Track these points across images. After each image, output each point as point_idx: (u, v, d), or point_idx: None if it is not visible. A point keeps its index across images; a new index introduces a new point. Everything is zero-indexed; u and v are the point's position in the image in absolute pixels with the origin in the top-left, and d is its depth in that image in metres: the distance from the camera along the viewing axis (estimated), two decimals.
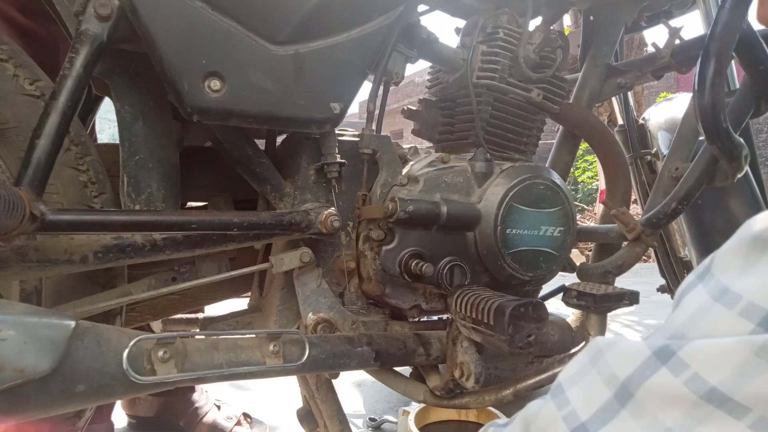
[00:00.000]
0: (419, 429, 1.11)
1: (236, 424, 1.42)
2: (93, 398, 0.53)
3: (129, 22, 0.60)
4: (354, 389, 1.83)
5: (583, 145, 1.31)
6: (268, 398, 1.72)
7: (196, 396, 1.45)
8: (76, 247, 0.62)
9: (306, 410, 0.97)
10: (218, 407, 1.47)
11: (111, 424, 1.34)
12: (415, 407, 1.18)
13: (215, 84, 0.63)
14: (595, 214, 6.43)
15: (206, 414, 1.42)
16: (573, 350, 0.77)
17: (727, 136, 0.74)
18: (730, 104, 0.82)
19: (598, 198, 6.11)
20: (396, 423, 1.42)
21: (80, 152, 0.68)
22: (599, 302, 0.70)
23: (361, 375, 1.86)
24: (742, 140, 0.77)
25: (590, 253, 1.12)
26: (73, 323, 0.50)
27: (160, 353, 0.56)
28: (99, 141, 1.33)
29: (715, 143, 0.76)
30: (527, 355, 0.82)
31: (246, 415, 1.48)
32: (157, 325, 1.05)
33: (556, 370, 0.75)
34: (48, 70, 0.67)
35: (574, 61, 1.15)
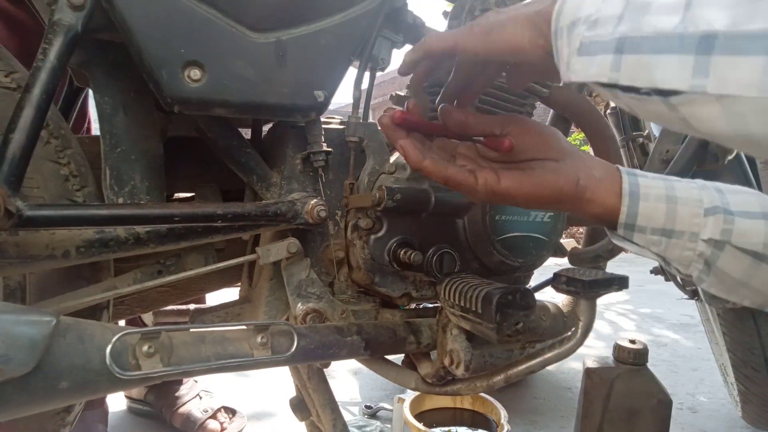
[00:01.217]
0: (414, 416, 1.11)
1: (210, 417, 1.42)
2: (77, 395, 0.53)
3: (104, 11, 0.59)
4: (350, 377, 1.84)
5: (581, 135, 1.30)
6: (264, 387, 1.73)
7: (182, 386, 1.45)
8: (58, 242, 0.61)
9: (299, 399, 0.97)
10: (200, 398, 1.47)
11: (105, 410, 1.35)
12: (410, 395, 1.18)
13: (195, 73, 0.62)
14: None
15: (184, 404, 1.43)
16: (562, 336, 0.76)
17: None
18: None
19: None
20: (392, 410, 1.43)
21: (60, 145, 0.66)
22: (588, 288, 0.69)
23: (356, 363, 1.86)
24: None
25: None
26: (53, 320, 0.49)
27: (145, 348, 0.56)
28: (95, 131, 1.32)
29: None
30: (517, 342, 0.82)
31: (226, 409, 1.48)
32: (148, 317, 1.05)
33: (546, 356, 0.75)
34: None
35: None
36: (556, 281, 0.72)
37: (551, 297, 0.95)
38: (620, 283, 0.70)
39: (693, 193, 0.54)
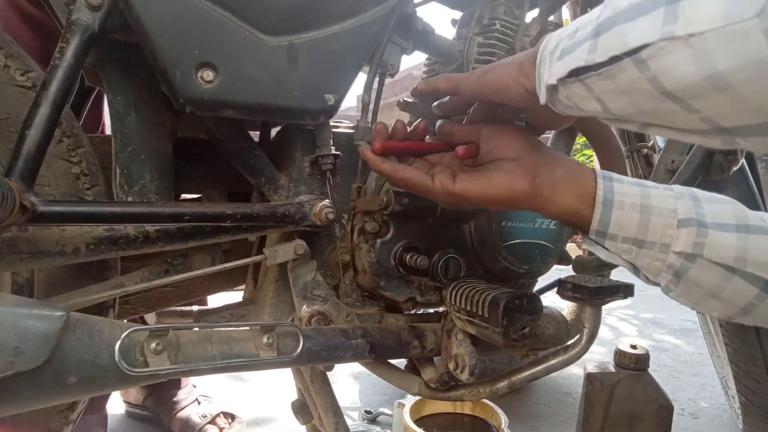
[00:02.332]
0: (414, 421, 1.11)
1: (209, 422, 1.41)
2: (85, 390, 0.53)
3: (121, 11, 0.60)
4: (350, 382, 1.83)
5: (581, 139, 1.31)
6: (263, 392, 1.72)
7: (181, 390, 1.45)
8: (68, 238, 0.62)
9: (301, 402, 0.97)
10: (198, 403, 1.46)
11: (104, 415, 1.34)
12: (410, 400, 1.18)
13: (208, 75, 0.63)
14: None
15: (183, 409, 1.42)
16: (568, 343, 0.77)
17: None
18: None
19: None
20: (391, 415, 1.43)
21: (72, 144, 0.67)
22: (594, 295, 0.70)
23: (356, 367, 1.86)
24: None
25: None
26: (64, 315, 0.50)
27: (153, 345, 0.56)
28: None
29: None
30: (522, 347, 0.82)
31: (225, 414, 1.47)
32: (151, 317, 1.05)
33: (550, 363, 0.75)
34: None
35: None
36: (562, 288, 0.72)
37: (552, 302, 0.96)
38: (626, 290, 0.71)
39: (668, 202, 0.54)
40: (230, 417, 1.47)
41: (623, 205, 0.54)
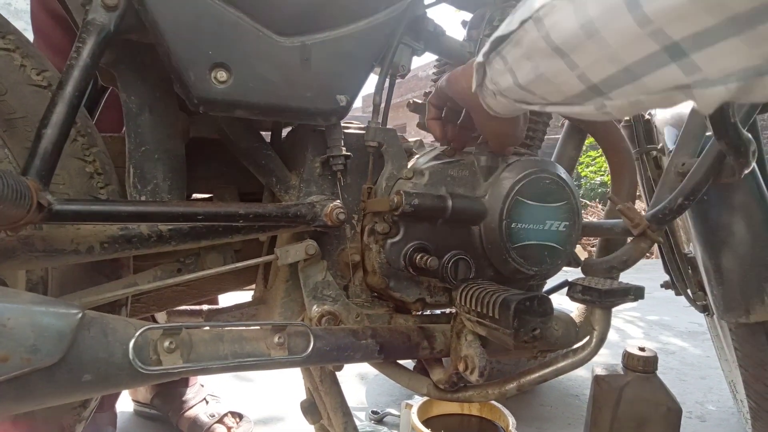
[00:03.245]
0: (422, 422, 1.11)
1: (217, 422, 1.41)
2: (99, 388, 0.53)
3: (136, 12, 0.60)
4: (357, 382, 1.84)
5: (590, 140, 1.30)
6: (270, 392, 1.73)
7: (189, 389, 1.45)
8: (83, 237, 0.62)
9: (310, 402, 0.97)
10: (206, 402, 1.46)
11: (114, 413, 1.35)
12: (417, 400, 1.18)
13: (222, 75, 0.63)
14: (600, 209, 6.41)
15: (191, 408, 1.42)
16: (577, 345, 0.77)
17: (735, 132, 0.74)
18: None
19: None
20: (398, 416, 1.43)
21: (87, 143, 0.68)
22: (604, 297, 0.70)
23: (364, 368, 1.86)
24: (750, 136, 0.77)
25: (593, 249, 1.11)
26: (80, 313, 0.50)
27: (166, 343, 0.56)
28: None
29: (722, 138, 0.75)
30: (531, 349, 0.82)
31: (233, 413, 1.47)
32: (161, 316, 1.06)
33: (559, 365, 0.75)
34: None
35: None
36: (572, 290, 0.72)
37: (559, 303, 0.96)
38: (636, 293, 0.71)
39: None
40: (238, 416, 1.48)
41: None
